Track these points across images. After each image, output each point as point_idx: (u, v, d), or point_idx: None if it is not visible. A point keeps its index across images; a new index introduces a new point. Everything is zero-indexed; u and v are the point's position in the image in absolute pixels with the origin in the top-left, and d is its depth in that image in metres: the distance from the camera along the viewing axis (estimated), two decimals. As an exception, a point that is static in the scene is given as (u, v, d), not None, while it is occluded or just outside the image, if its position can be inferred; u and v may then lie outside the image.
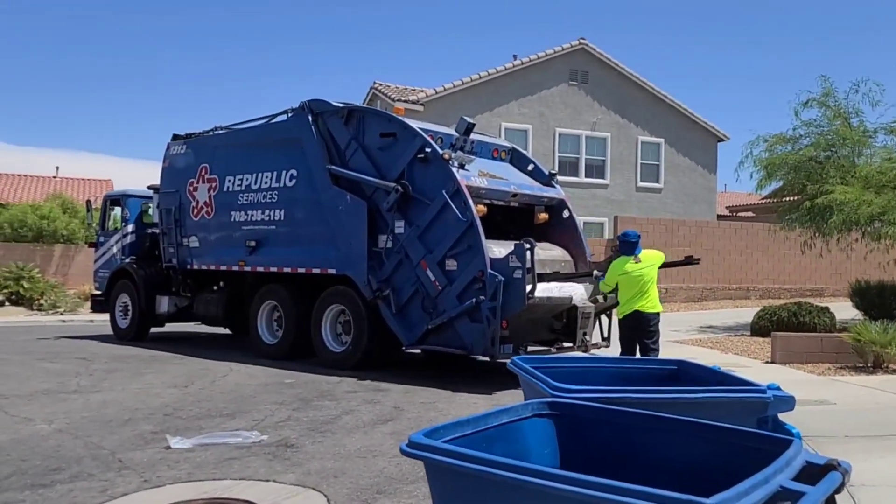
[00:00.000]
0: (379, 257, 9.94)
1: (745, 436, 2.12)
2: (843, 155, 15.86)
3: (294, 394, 8.40)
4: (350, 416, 7.23)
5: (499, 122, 25.57)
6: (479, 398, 8.36)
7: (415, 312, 9.67)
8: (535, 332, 10.00)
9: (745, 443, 2.09)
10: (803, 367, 10.90)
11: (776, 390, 3.03)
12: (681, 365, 3.89)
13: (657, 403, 2.79)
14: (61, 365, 10.41)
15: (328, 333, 10.69)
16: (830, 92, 15.83)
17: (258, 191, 11.63)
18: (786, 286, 24.33)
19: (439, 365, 11.08)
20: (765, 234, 23.61)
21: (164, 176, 13.47)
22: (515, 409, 2.37)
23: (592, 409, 2.43)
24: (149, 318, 13.72)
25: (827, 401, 8.28)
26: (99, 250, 15.19)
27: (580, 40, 27.21)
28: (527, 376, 3.24)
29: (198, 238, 12.75)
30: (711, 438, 2.13)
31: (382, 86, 26.83)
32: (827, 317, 13.78)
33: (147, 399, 7.96)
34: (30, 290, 21.84)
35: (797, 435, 2.88)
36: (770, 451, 2.00)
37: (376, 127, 10.30)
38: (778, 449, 1.96)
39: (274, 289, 11.55)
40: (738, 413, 2.89)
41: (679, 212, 27.55)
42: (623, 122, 27.81)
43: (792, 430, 2.96)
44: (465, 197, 9.18)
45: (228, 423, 6.81)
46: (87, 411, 7.25)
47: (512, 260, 8.85)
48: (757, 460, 1.98)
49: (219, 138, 12.82)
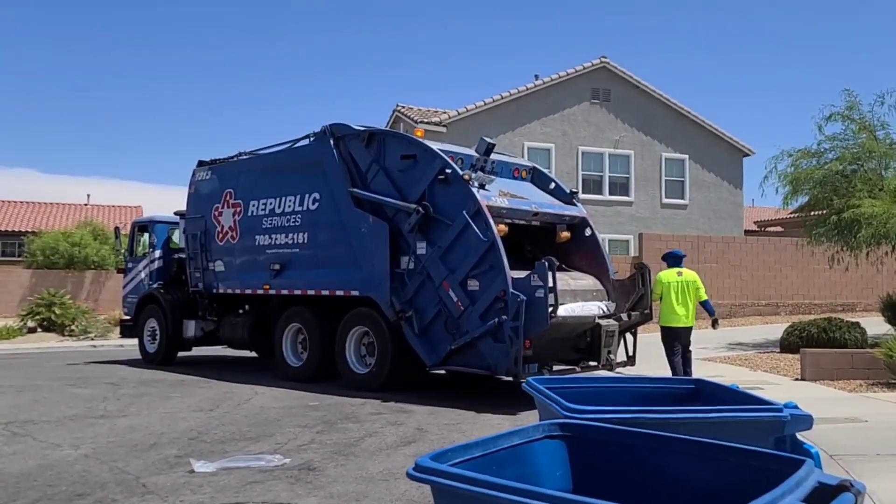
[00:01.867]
0: (401, 278, 9.97)
1: (760, 457, 2.08)
2: (870, 168, 15.65)
3: (318, 416, 8.42)
4: (373, 439, 7.22)
5: (521, 141, 25.62)
6: (503, 419, 8.31)
7: (438, 333, 9.66)
8: (559, 351, 9.93)
9: (759, 464, 2.05)
10: (834, 384, 10.70)
11: (793, 409, 2.98)
12: (699, 384, 3.84)
13: (672, 424, 2.75)
14: (90, 390, 10.53)
15: (352, 355, 10.72)
16: (855, 105, 15.66)
17: (282, 214, 11.74)
18: (816, 301, 23.93)
19: (463, 385, 11.04)
20: (793, 250, 23.26)
21: (190, 201, 13.66)
22: (526, 430, 2.36)
23: (605, 430, 2.41)
24: (176, 343, 13.86)
25: (858, 418, 8.11)
26: (127, 276, 15.41)
27: (601, 58, 27.23)
28: (540, 397, 3.22)
29: (223, 262, 12.89)
30: (725, 459, 2.10)
31: (405, 108, 27.04)
32: (858, 332, 13.53)
33: (173, 423, 8.03)
34: (61, 316, 22.14)
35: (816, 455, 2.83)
36: (784, 472, 1.97)
37: (397, 149, 10.38)
38: (790, 469, 1.93)
39: (298, 311, 11.61)
40: (755, 433, 2.84)
41: (705, 228, 27.30)
42: (646, 139, 27.70)
43: (811, 450, 2.90)
44: (485, 217, 9.19)
45: (252, 447, 6.84)
46: (114, 436, 7.33)
47: (533, 279, 8.82)
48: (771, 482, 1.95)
49: (243, 163, 12.99)
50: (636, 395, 3.63)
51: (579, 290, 9.93)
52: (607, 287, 10.46)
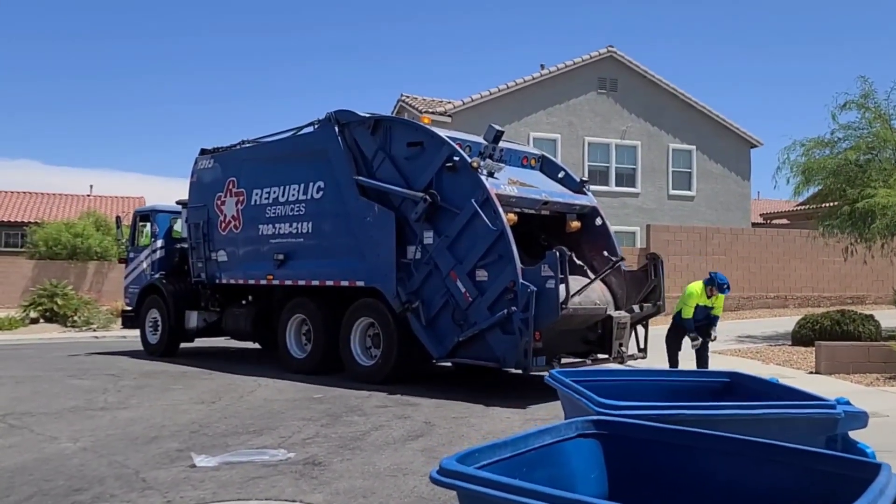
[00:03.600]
0: (408, 269, 9.74)
1: (824, 459, 1.86)
2: (886, 157, 15.36)
3: (322, 409, 8.21)
4: (380, 432, 7.02)
5: (527, 131, 25.32)
6: (512, 412, 8.10)
7: (445, 324, 9.45)
8: (570, 343, 9.71)
9: (822, 467, 1.83)
10: (850, 378, 10.47)
11: (846, 405, 2.75)
12: (733, 377, 3.60)
13: (715, 420, 2.53)
14: (90, 381, 10.34)
15: (357, 347, 10.50)
16: (870, 93, 15.37)
17: (285, 203, 11.52)
18: (825, 294, 23.65)
19: (471, 378, 10.83)
20: (802, 241, 23.01)
21: (192, 190, 13.44)
22: (558, 428, 2.13)
23: (644, 427, 2.18)
24: (178, 334, 13.66)
25: (879, 413, 7.85)
26: (129, 266, 15.21)
27: (608, 48, 26.89)
28: (568, 391, 2.98)
29: (226, 252, 12.67)
30: (783, 461, 1.88)
31: (410, 98, 26.75)
32: (872, 325, 13.30)
33: (174, 416, 7.82)
34: (63, 306, 21.99)
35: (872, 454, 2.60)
36: (853, 477, 1.75)
37: (403, 136, 10.14)
38: (864, 475, 1.70)
39: (302, 302, 11.40)
40: (804, 431, 2.61)
41: (712, 219, 27.01)
42: (653, 130, 27.39)
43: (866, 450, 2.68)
44: (494, 206, 8.96)
45: (255, 441, 6.63)
46: (114, 429, 7.12)
47: (544, 269, 8.59)
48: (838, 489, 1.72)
49: (246, 152, 12.75)
50: (668, 389, 3.39)
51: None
52: (612, 270, 10.21)
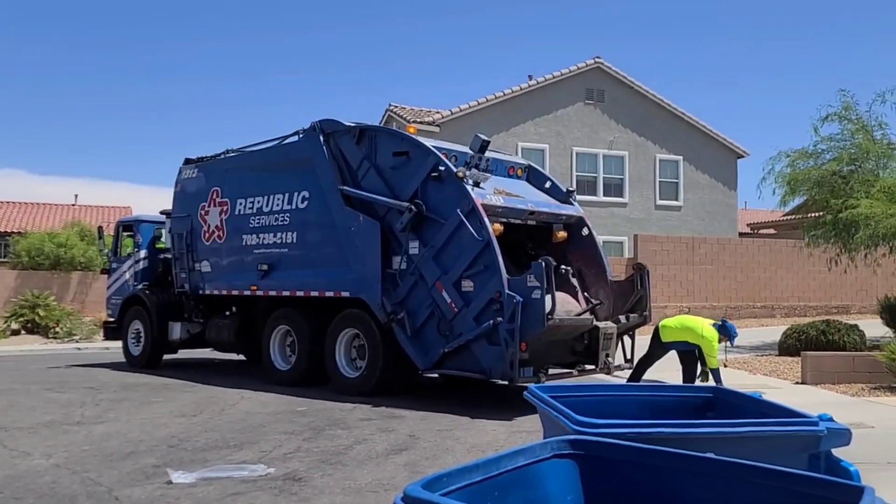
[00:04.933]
0: (393, 279, 9.66)
1: (806, 481, 1.79)
2: (868, 168, 15.45)
3: (305, 422, 8.09)
4: (363, 446, 6.91)
5: (515, 141, 25.33)
6: (498, 425, 8.01)
7: (431, 335, 9.36)
8: (556, 354, 9.64)
9: (804, 489, 1.76)
10: (836, 388, 10.46)
11: (829, 422, 2.69)
12: (716, 392, 3.54)
13: (695, 439, 2.46)
14: (68, 395, 10.17)
15: (342, 358, 10.39)
16: (850, 106, 15.50)
17: (270, 213, 11.41)
18: (811, 304, 23.76)
19: (457, 389, 10.73)
20: (788, 251, 23.12)
21: (176, 200, 13.31)
22: (532, 449, 2.05)
23: (622, 448, 2.11)
24: (161, 345, 13.50)
25: (864, 424, 7.84)
26: (111, 277, 15.03)
27: (595, 59, 26.99)
28: (546, 408, 2.91)
29: (210, 263, 12.55)
30: (764, 483, 1.81)
31: (398, 108, 26.72)
32: (856, 334, 13.34)
33: (153, 430, 7.68)
34: (45, 318, 21.74)
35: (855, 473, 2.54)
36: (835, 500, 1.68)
37: (389, 146, 10.07)
38: (846, 499, 1.64)
39: (286, 313, 11.28)
40: (786, 449, 2.55)
41: (699, 229, 27.10)
42: (640, 140, 27.48)
43: (849, 468, 2.62)
44: (480, 216, 8.89)
45: (235, 455, 6.51)
46: (89, 444, 6.97)
47: (530, 280, 8.52)
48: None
49: (230, 161, 12.64)
50: (649, 405, 3.32)
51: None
52: (598, 279, 10.20)
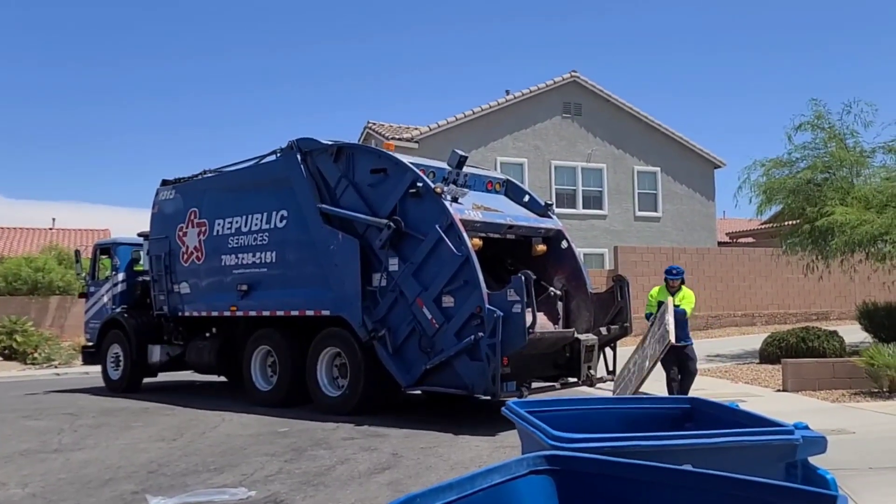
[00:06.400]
0: (373, 296, 9.62)
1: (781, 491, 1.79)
2: (842, 176, 15.64)
3: (287, 443, 8.02)
4: (345, 466, 6.85)
5: (494, 156, 25.44)
6: (481, 440, 7.98)
7: (412, 352, 9.32)
8: (538, 368, 9.63)
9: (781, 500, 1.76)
10: (816, 395, 10.54)
11: (804, 430, 2.70)
12: (694, 403, 3.54)
13: (672, 451, 2.46)
14: (46, 422, 10.01)
15: (324, 377, 10.32)
16: (822, 115, 15.71)
17: (248, 233, 11.35)
18: (791, 311, 23.97)
19: (441, 405, 10.69)
20: (767, 260, 23.32)
21: (154, 222, 13.21)
22: (508, 466, 2.04)
23: (599, 462, 2.10)
24: (141, 369, 13.34)
25: (845, 430, 7.90)
26: (90, 300, 14.85)
27: (571, 73, 27.22)
28: (523, 423, 2.90)
29: (188, 284, 12.44)
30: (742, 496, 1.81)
31: (376, 125, 26.77)
32: (836, 341, 13.45)
33: (132, 455, 7.57)
34: (23, 343, 21.45)
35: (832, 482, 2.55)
36: (811, 509, 1.68)
37: (366, 163, 10.06)
38: (821, 507, 1.64)
39: (267, 333, 11.20)
40: (763, 458, 2.56)
41: (678, 240, 27.30)
42: (618, 153, 27.69)
43: (826, 476, 2.63)
44: (459, 231, 8.90)
45: (215, 479, 6.42)
46: (66, 472, 6.86)
47: (510, 294, 8.52)
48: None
49: (207, 182, 12.58)
50: (626, 417, 3.32)
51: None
52: (578, 292, 10.24)
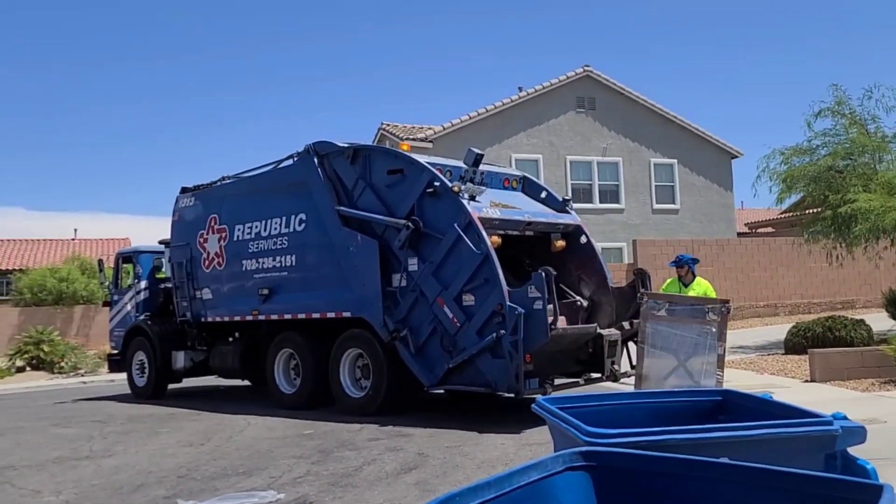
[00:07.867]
0: (394, 297, 9.63)
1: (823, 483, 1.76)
2: (864, 162, 15.46)
3: (313, 445, 8.05)
4: (372, 467, 6.86)
5: (508, 153, 25.40)
6: (506, 438, 7.96)
7: (434, 352, 9.32)
8: (561, 364, 9.60)
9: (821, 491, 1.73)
10: (845, 384, 10.41)
11: (843, 420, 2.67)
12: (726, 395, 3.51)
13: (708, 444, 2.44)
14: (75, 429, 10.12)
15: (347, 379, 10.35)
16: (843, 100, 15.51)
17: (268, 237, 11.41)
18: (815, 300, 23.72)
19: (464, 404, 10.69)
20: (788, 249, 23.09)
21: (175, 229, 13.32)
22: (544, 463, 2.03)
23: (635, 457, 2.08)
24: (166, 375, 13.45)
25: (877, 419, 7.79)
26: (113, 309, 15.00)
27: (584, 67, 27.12)
28: (555, 420, 2.88)
29: (210, 290, 12.53)
30: (780, 487, 1.78)
31: (390, 126, 26.84)
32: (863, 329, 13.26)
33: (161, 460, 7.64)
34: (50, 353, 21.65)
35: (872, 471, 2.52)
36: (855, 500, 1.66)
37: (383, 164, 10.08)
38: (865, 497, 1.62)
39: (289, 336, 11.25)
40: (801, 450, 2.52)
41: (697, 231, 27.12)
42: (634, 146, 27.55)
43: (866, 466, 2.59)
44: (477, 229, 8.89)
45: (244, 482, 6.46)
46: (98, 478, 6.93)
47: (531, 291, 8.50)
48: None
49: (226, 188, 12.66)
50: (658, 411, 3.28)
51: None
52: (599, 287, 10.18)
